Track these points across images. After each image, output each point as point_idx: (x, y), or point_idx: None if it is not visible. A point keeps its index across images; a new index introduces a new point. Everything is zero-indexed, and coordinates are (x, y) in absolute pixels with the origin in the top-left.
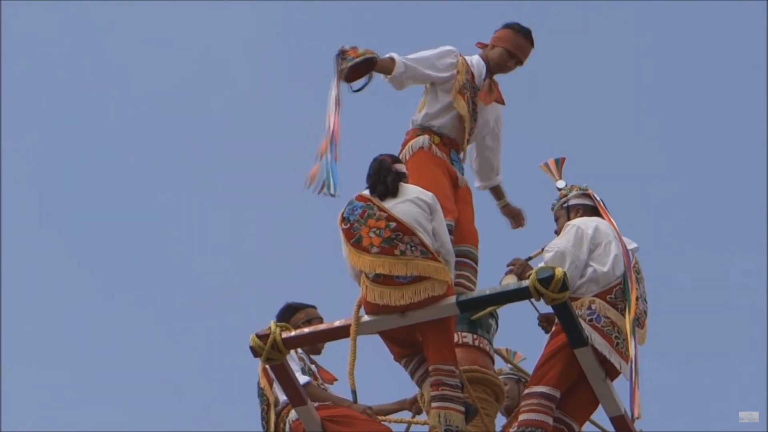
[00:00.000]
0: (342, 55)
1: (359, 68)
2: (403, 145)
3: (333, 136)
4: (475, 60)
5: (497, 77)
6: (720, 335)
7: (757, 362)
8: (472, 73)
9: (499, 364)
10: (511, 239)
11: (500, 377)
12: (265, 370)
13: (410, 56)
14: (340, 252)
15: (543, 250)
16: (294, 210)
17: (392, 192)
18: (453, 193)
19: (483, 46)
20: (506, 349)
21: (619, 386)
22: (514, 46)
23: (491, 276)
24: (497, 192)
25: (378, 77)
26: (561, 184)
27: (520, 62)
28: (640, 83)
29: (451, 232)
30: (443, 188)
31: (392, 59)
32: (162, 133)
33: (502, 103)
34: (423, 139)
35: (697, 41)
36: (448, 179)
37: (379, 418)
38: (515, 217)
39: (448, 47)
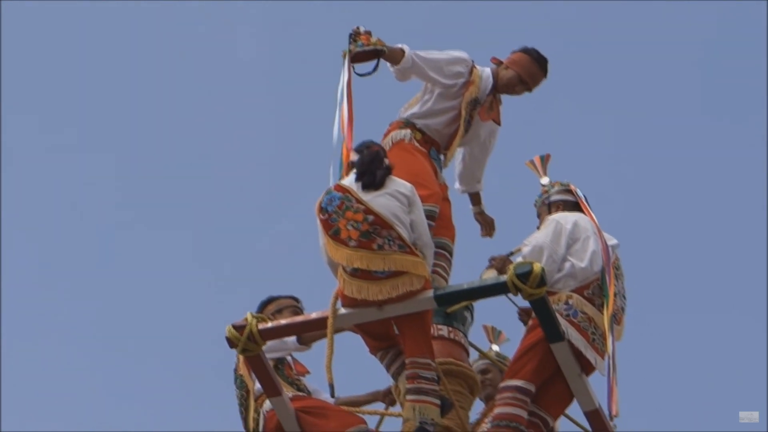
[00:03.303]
0: (354, 36)
1: (366, 55)
2: (384, 136)
3: (348, 125)
4: (485, 74)
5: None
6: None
7: (757, 361)
8: (479, 86)
9: (483, 346)
10: (496, 238)
11: (482, 363)
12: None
13: (421, 53)
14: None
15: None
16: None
17: (379, 186)
18: (436, 181)
19: (498, 62)
20: (492, 327)
21: (594, 382)
22: (527, 73)
23: (472, 271)
24: (475, 198)
25: (384, 65)
26: (545, 180)
27: (529, 89)
28: (634, 82)
29: (434, 219)
30: (428, 173)
31: (402, 51)
32: (163, 132)
33: (498, 123)
34: (405, 133)
35: (697, 41)
36: (431, 167)
37: (352, 409)
38: (487, 226)
39: (461, 54)
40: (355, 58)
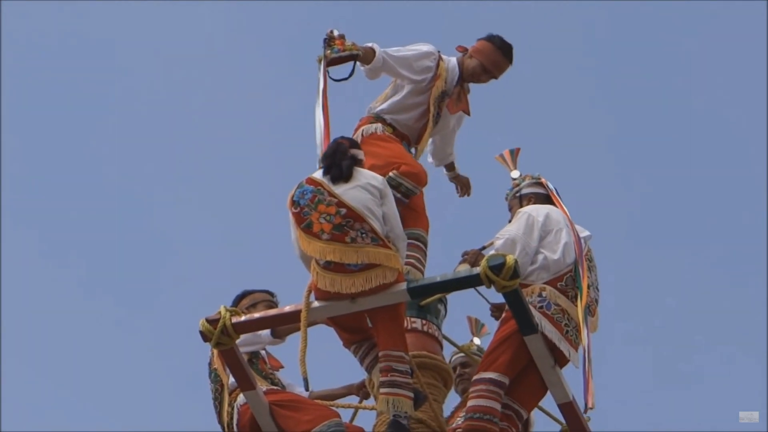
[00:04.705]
0: (329, 41)
1: (342, 59)
2: (355, 131)
3: (324, 132)
4: (451, 65)
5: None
6: None
7: (756, 361)
8: (445, 79)
9: (465, 338)
10: (465, 231)
11: (462, 356)
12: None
13: (391, 51)
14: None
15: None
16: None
17: (346, 177)
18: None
19: (463, 50)
20: (476, 320)
21: (568, 374)
22: (490, 62)
23: (446, 266)
24: (449, 166)
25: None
26: (515, 174)
27: (494, 77)
28: (627, 84)
29: (408, 196)
30: (407, 153)
31: (373, 51)
32: (163, 132)
33: (467, 113)
34: (376, 126)
35: (697, 41)
36: (397, 147)
37: (327, 403)
38: (464, 185)
39: (428, 48)
40: (331, 62)
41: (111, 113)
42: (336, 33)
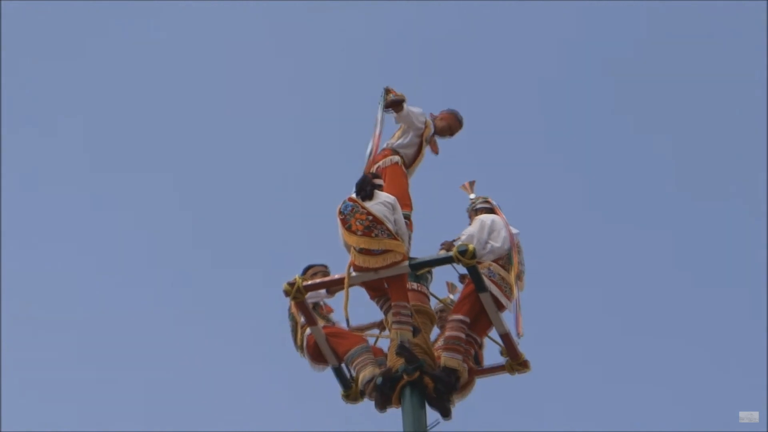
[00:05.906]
0: (387, 91)
1: (395, 102)
2: (383, 157)
3: (373, 155)
4: (430, 122)
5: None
6: None
7: (756, 361)
8: (431, 129)
9: (443, 294)
10: (445, 230)
11: (441, 305)
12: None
13: (409, 107)
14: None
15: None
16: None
17: (369, 196)
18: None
19: (434, 116)
20: (451, 283)
21: (506, 317)
22: (452, 125)
23: (432, 249)
24: None
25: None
26: (472, 196)
27: (452, 135)
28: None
29: (409, 218)
30: (407, 193)
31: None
32: (162, 131)
33: (437, 153)
34: (397, 158)
35: (697, 41)
36: (407, 185)
37: (359, 333)
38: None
39: (421, 110)
40: (389, 105)
41: (110, 111)
42: (390, 87)
